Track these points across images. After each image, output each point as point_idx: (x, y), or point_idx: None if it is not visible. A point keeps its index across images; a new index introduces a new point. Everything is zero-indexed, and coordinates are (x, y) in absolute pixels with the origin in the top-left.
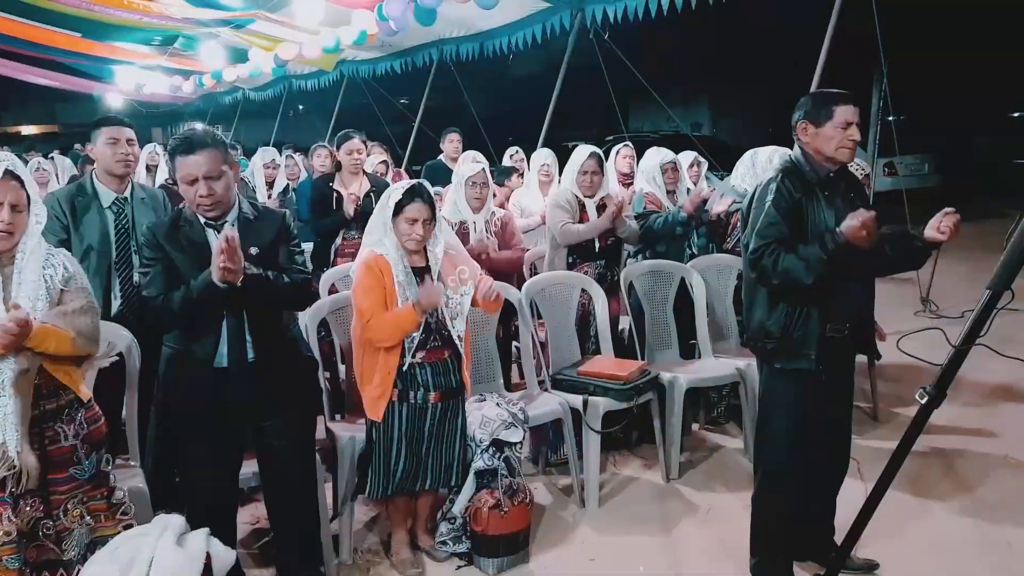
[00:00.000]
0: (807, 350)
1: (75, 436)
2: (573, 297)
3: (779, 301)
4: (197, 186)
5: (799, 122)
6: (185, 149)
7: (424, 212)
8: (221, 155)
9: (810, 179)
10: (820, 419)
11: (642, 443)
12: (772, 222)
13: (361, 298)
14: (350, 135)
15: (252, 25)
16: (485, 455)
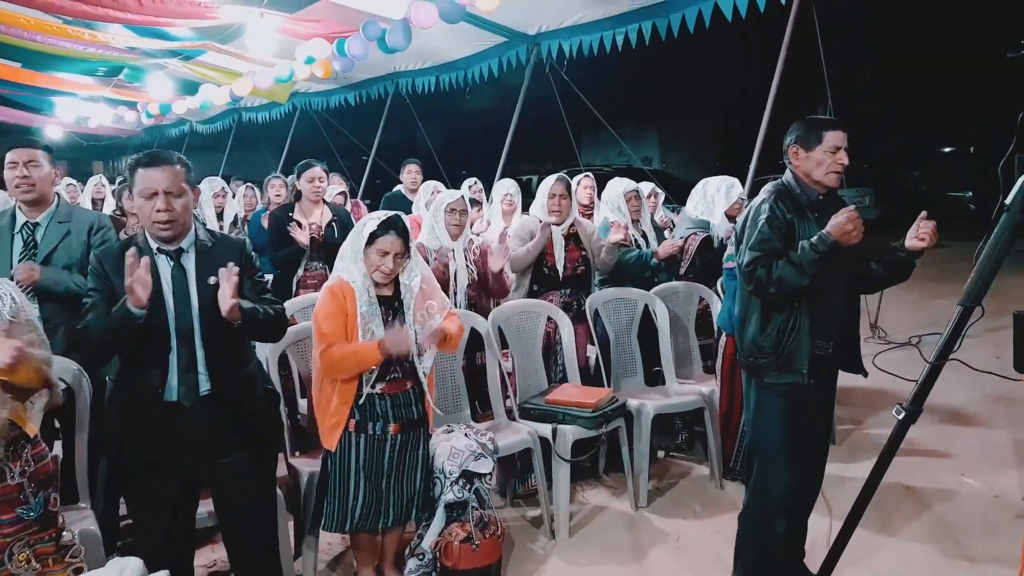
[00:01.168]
0: (798, 364)
1: (21, 474)
2: (539, 325)
3: (772, 316)
4: (155, 200)
5: (790, 146)
6: (148, 162)
7: (397, 246)
8: (184, 174)
9: (801, 201)
10: (808, 434)
11: (609, 471)
12: (765, 238)
13: (322, 323)
14: (311, 163)
15: (202, 56)
16: (455, 487)
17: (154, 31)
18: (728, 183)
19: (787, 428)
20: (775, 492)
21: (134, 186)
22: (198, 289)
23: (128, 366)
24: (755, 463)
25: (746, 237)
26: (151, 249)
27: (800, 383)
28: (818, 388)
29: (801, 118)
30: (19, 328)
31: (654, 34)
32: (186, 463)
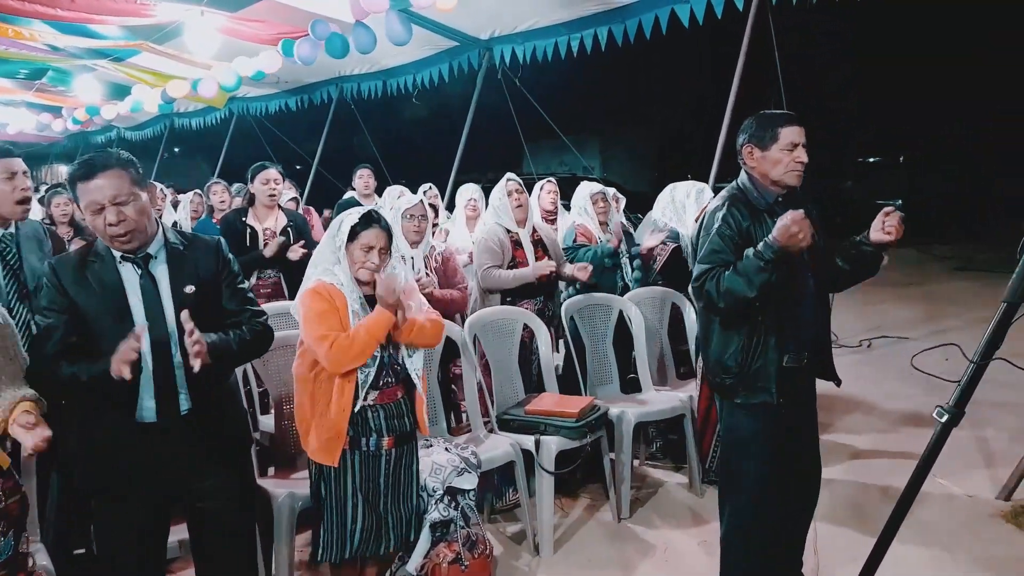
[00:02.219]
0: (766, 383)
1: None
2: (515, 333)
3: (733, 333)
4: (105, 214)
5: (744, 145)
6: (85, 174)
7: (381, 239)
8: (129, 176)
9: (758, 205)
10: (785, 454)
11: (586, 483)
12: (715, 249)
13: (315, 325)
14: (265, 165)
15: (135, 58)
16: (440, 505)
17: (80, 29)
18: (698, 188)
19: (760, 452)
20: (754, 513)
21: (79, 202)
22: (174, 299)
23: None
24: (733, 484)
25: (699, 249)
26: (113, 257)
27: (771, 402)
28: (795, 404)
29: (753, 113)
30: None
31: (610, 40)
32: (161, 489)
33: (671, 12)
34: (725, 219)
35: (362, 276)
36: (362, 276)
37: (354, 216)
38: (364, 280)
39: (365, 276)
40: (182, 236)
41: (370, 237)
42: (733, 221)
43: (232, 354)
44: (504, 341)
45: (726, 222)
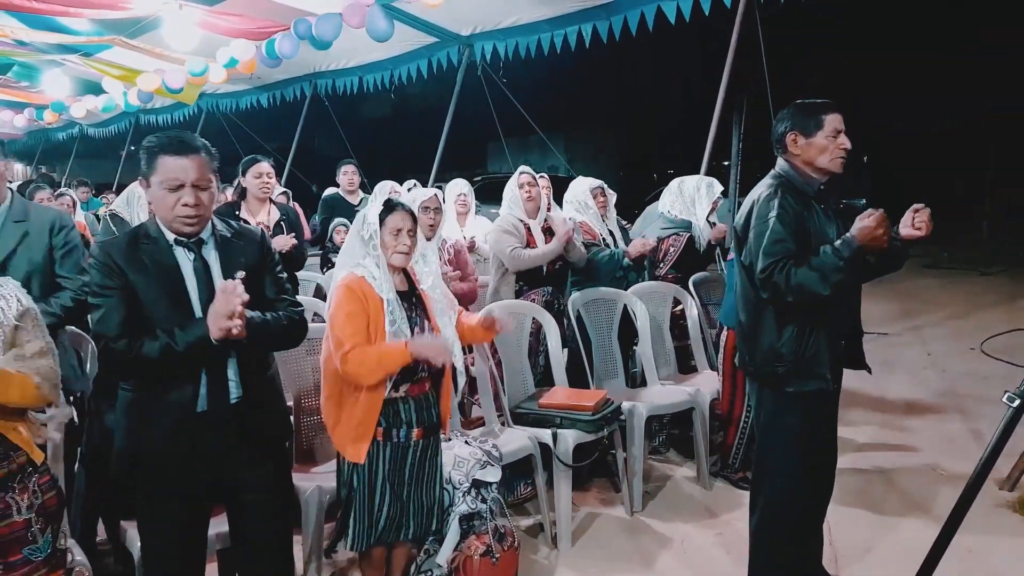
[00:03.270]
0: (821, 370)
1: (29, 508)
2: (525, 327)
3: (788, 322)
4: (182, 193)
5: (787, 134)
6: (176, 149)
7: (407, 221)
8: (211, 164)
9: (806, 192)
10: (826, 440)
11: (592, 476)
12: (779, 238)
13: (342, 325)
14: (257, 158)
15: (105, 53)
16: (468, 498)
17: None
18: (707, 182)
19: (807, 438)
20: (793, 503)
21: (152, 174)
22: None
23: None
24: (769, 476)
25: (754, 237)
26: (167, 240)
27: (824, 388)
28: (835, 391)
29: (795, 103)
30: (24, 333)
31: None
32: (206, 479)
33: (657, 9)
34: (781, 205)
35: (396, 261)
36: (396, 261)
37: (377, 205)
38: (398, 264)
39: (399, 261)
40: (227, 224)
41: (396, 220)
42: (789, 208)
43: (269, 332)
44: (515, 334)
45: (783, 208)
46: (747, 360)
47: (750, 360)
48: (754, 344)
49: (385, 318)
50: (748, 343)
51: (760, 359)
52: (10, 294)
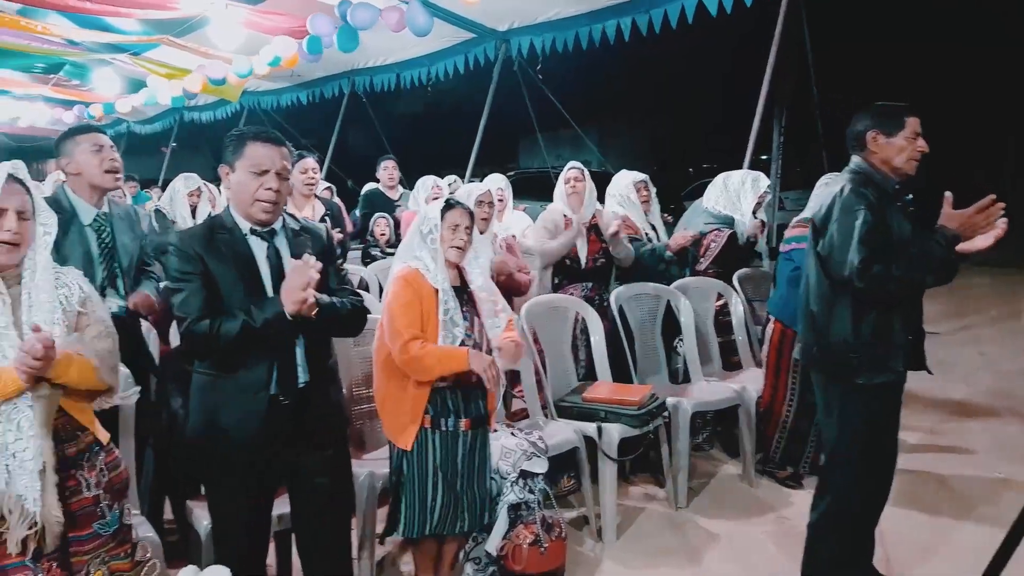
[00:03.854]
0: (893, 361)
1: (97, 485)
2: (568, 321)
3: (864, 314)
4: (265, 178)
5: (868, 132)
6: (265, 138)
7: (465, 219)
8: (291, 159)
9: (886, 188)
10: (891, 434)
11: (635, 471)
12: (872, 229)
13: (399, 314)
14: (303, 154)
15: (152, 51)
16: (516, 487)
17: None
18: (753, 176)
19: (875, 431)
20: (859, 498)
21: (238, 159)
22: None
23: (232, 358)
24: (838, 469)
25: (839, 229)
26: (241, 231)
27: (895, 381)
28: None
29: (874, 104)
30: (85, 318)
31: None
32: (273, 461)
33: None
34: (867, 197)
35: (451, 256)
36: (451, 256)
37: (439, 202)
38: (453, 259)
39: (454, 255)
40: (295, 220)
41: (455, 216)
42: (873, 199)
43: (336, 315)
44: (558, 328)
45: (868, 202)
46: (814, 351)
47: (819, 351)
48: (825, 335)
49: (439, 307)
50: (818, 334)
51: (831, 350)
52: (72, 282)
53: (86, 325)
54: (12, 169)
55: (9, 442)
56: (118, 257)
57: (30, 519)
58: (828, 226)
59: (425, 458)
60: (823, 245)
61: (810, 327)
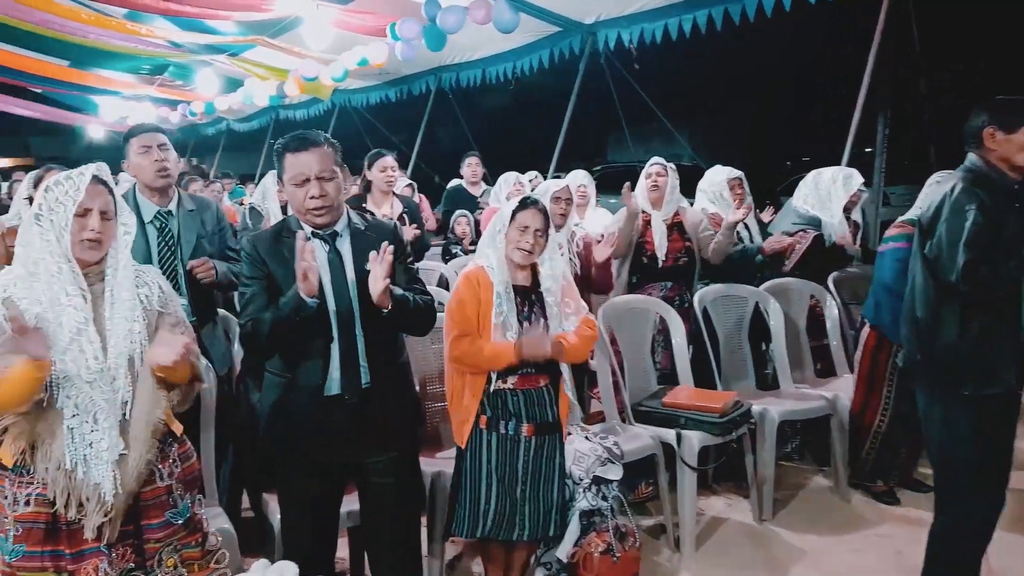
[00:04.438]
0: (1003, 371)
1: (170, 475)
2: (649, 323)
3: (972, 319)
4: (308, 187)
5: (984, 128)
6: (297, 146)
7: (537, 221)
8: (334, 155)
9: (1001, 187)
10: (1007, 446)
11: (719, 480)
12: (981, 230)
13: (454, 310)
14: (382, 152)
15: (249, 52)
16: (588, 494)
17: (197, 24)
18: (845, 174)
19: (983, 446)
20: (974, 510)
21: (283, 173)
22: (356, 275)
23: (291, 358)
24: (947, 485)
25: (947, 230)
26: (306, 234)
27: (1006, 393)
28: (1016, 397)
29: (994, 99)
30: (167, 319)
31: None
32: (338, 460)
33: None
34: (979, 197)
35: (515, 257)
36: (515, 257)
37: (515, 201)
38: (517, 261)
39: (518, 257)
40: (362, 218)
41: (526, 217)
42: (986, 198)
43: (408, 310)
44: (638, 330)
45: (982, 200)
46: (919, 359)
47: (924, 358)
48: (930, 342)
49: (493, 309)
50: (922, 341)
51: (936, 358)
52: (152, 281)
53: (170, 324)
54: (97, 170)
55: (86, 432)
56: (180, 254)
57: (106, 507)
58: (936, 227)
59: (478, 459)
60: (930, 247)
61: (914, 334)
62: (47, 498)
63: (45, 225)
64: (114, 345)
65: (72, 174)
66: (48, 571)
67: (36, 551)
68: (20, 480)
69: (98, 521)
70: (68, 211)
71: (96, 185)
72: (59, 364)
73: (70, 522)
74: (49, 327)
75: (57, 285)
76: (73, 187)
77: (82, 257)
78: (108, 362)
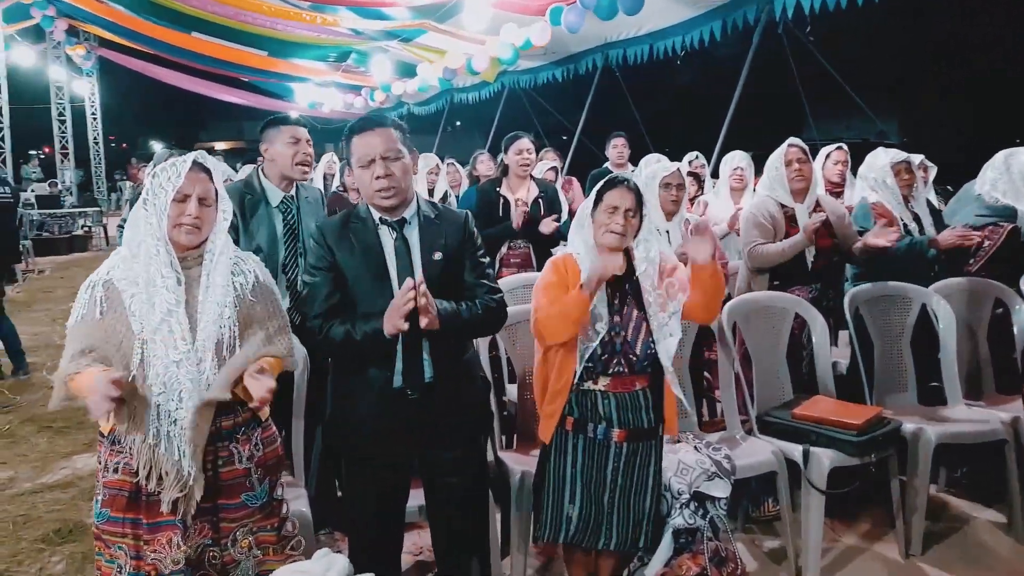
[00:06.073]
0: None
1: (249, 458)
2: (785, 323)
3: None
4: (373, 167)
5: None
6: (361, 128)
7: (627, 200)
8: (398, 136)
9: None
10: None
11: (863, 504)
12: None
13: (540, 294)
14: (519, 135)
15: (420, 38)
16: (685, 511)
17: (374, 12)
18: None
19: None
20: None
21: (351, 156)
22: (423, 264)
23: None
24: None
25: None
26: (374, 220)
27: None
28: None
29: None
30: (259, 308)
31: None
32: (402, 454)
33: None
34: None
35: (605, 241)
36: (605, 241)
37: (601, 181)
38: (608, 244)
39: (609, 241)
40: (433, 206)
41: (614, 197)
42: None
43: (461, 323)
44: (770, 330)
45: None
46: None
47: None
48: None
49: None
50: None
51: None
52: (249, 270)
53: (265, 317)
54: (199, 157)
55: (172, 409)
56: (302, 237)
57: (184, 481)
58: None
59: (563, 462)
60: None
61: None
62: (132, 468)
63: (149, 209)
64: (203, 328)
65: (177, 161)
66: (128, 537)
67: (119, 517)
68: (112, 448)
69: (174, 495)
70: (168, 196)
71: (197, 172)
72: (149, 343)
73: (150, 494)
74: (143, 308)
75: (154, 267)
76: (175, 173)
77: (179, 241)
78: (196, 344)
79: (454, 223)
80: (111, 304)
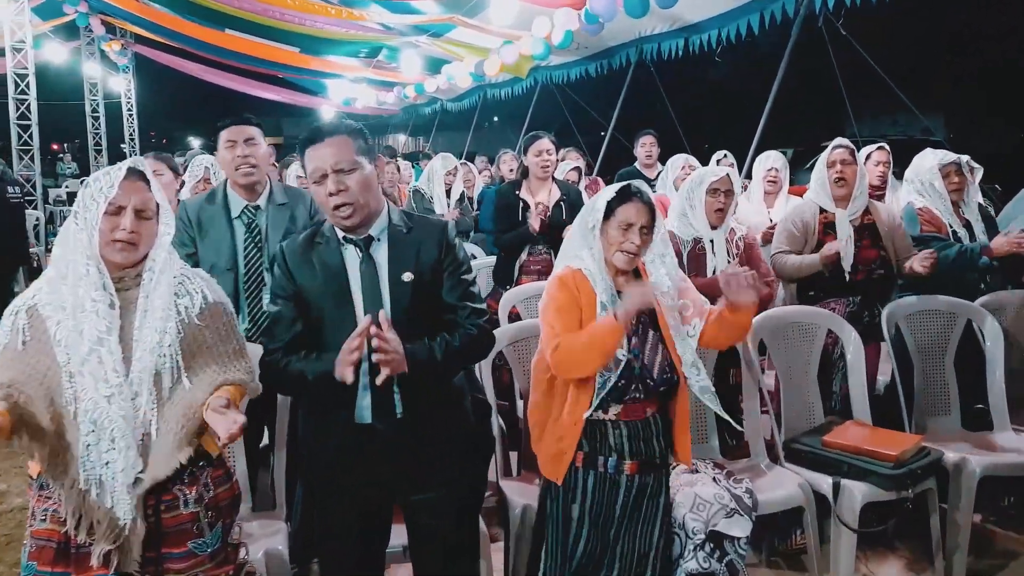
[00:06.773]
0: None
1: (197, 501)
2: (816, 341)
3: None
4: (327, 183)
5: None
6: (311, 139)
7: (643, 216)
8: (353, 143)
9: None
10: None
11: (902, 536)
12: None
13: (552, 318)
14: (539, 135)
15: (450, 33)
16: (700, 553)
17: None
18: None
19: None
20: None
21: (306, 170)
22: (390, 287)
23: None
24: None
25: None
26: (338, 239)
27: None
28: None
29: None
30: (208, 334)
31: None
32: (376, 494)
33: None
34: None
35: (618, 261)
36: (618, 261)
37: (610, 191)
38: (620, 266)
39: (622, 261)
40: (408, 218)
41: (629, 212)
42: None
43: (436, 365)
44: (799, 349)
45: None
46: None
47: None
48: None
49: (597, 317)
50: None
51: None
52: (196, 290)
53: (218, 342)
54: (136, 164)
55: (103, 451)
56: (267, 251)
57: (118, 532)
58: None
59: (570, 501)
60: None
61: None
62: (61, 516)
63: (80, 223)
64: (139, 359)
65: (110, 169)
66: None
67: (46, 572)
68: (40, 494)
69: (106, 548)
70: (100, 208)
71: (133, 181)
72: (76, 376)
73: (80, 545)
74: (69, 336)
75: (83, 289)
76: (107, 183)
77: (113, 259)
78: (131, 377)
79: (430, 236)
80: (35, 333)
